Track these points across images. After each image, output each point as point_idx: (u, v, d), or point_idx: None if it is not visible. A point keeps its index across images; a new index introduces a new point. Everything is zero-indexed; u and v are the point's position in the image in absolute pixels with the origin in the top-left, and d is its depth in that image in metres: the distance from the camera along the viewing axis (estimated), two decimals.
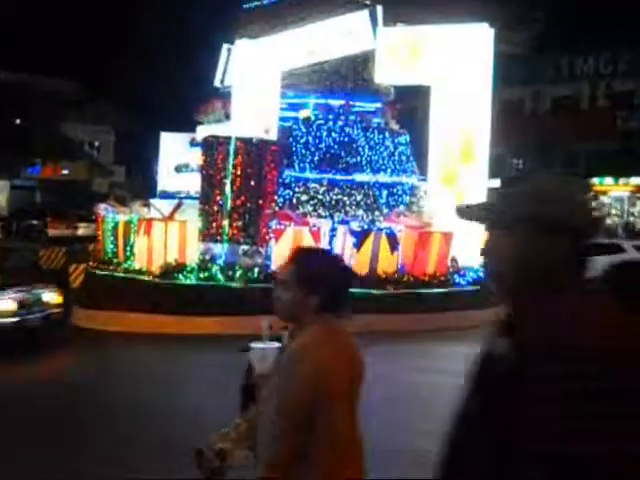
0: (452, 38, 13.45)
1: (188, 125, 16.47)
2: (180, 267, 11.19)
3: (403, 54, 13.76)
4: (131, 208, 13.99)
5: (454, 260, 12.73)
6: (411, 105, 17.29)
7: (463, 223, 1.59)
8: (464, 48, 13.32)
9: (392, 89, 15.02)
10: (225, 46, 15.88)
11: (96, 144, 40.03)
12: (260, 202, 11.91)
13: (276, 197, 12.37)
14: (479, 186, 13.45)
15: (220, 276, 11.09)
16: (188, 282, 11.00)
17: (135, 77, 30.72)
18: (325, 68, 14.57)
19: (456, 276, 12.50)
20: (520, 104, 32.29)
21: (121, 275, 11.43)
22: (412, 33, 13.87)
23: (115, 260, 12.00)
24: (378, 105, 15.11)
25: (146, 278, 11.16)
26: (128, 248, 11.82)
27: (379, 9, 14.97)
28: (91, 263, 12.47)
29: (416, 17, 14.94)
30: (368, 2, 14.80)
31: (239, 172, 11.85)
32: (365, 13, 14.56)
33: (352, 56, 14.51)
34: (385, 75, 14.16)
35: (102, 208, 13.53)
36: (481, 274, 12.92)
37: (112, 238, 12.27)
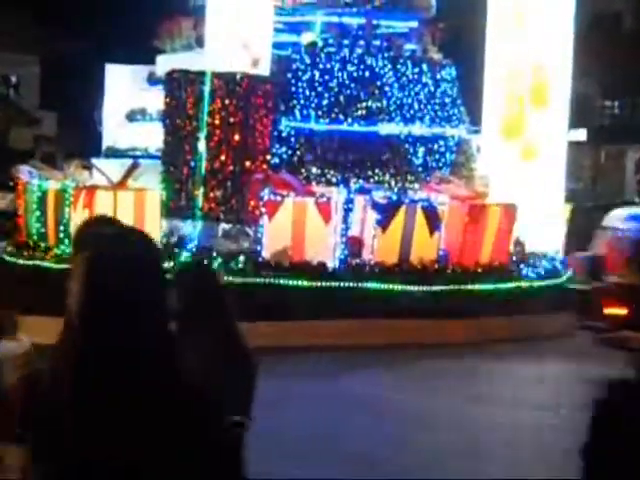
0: None
1: (144, 54, 16.56)
2: None
3: None
4: (65, 171, 14.17)
5: (519, 244, 12.88)
6: (459, 24, 17.31)
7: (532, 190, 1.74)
8: None
9: (433, 2, 15.08)
10: None
11: (13, 79, 40.10)
12: (247, 164, 12.06)
13: (269, 156, 12.52)
14: (556, 139, 13.57)
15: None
16: None
17: None
18: None
19: (522, 266, 12.66)
20: (617, 19, 32.10)
21: (52, 265, 11.62)
22: None
23: (43, 244, 12.19)
24: (413, 25, 15.18)
25: None
26: (62, 227, 11.99)
27: None
28: (8, 248, 12.67)
29: None
30: None
31: (217, 121, 11.99)
32: None
33: None
34: None
35: (24, 171, 13.71)
36: (558, 264, 13.10)
37: (38, 213, 12.44)
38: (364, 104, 14.08)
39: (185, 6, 16.06)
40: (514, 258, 12.71)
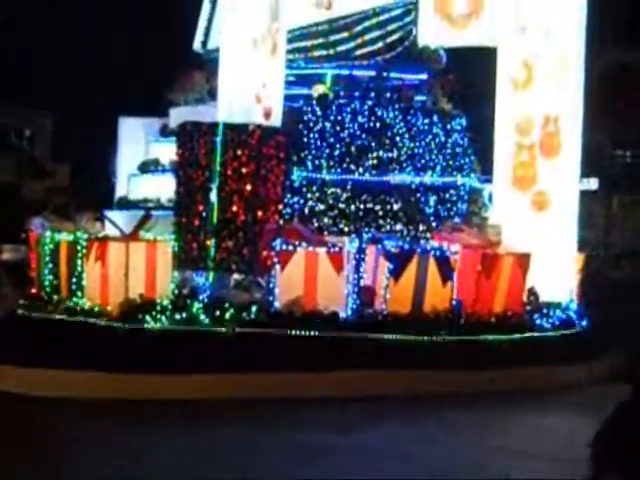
0: None
1: (157, 107, 16.77)
2: (147, 305, 11.37)
3: (458, 3, 14.02)
4: (77, 223, 14.24)
5: (533, 294, 12.83)
6: (469, 76, 17.49)
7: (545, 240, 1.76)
8: None
9: (443, 54, 15.25)
10: None
11: (27, 133, 40.56)
12: (259, 214, 12.11)
13: (281, 207, 12.57)
14: (568, 189, 13.58)
15: (204, 317, 11.28)
16: (159, 326, 11.19)
17: (82, 38, 31.24)
18: (348, 25, 14.85)
19: (536, 316, 12.60)
20: (628, 68, 32.32)
21: (64, 318, 11.62)
22: None
23: (55, 297, 12.21)
24: (423, 77, 15.34)
25: (100, 321, 11.36)
26: (74, 280, 12.03)
27: None
28: (20, 301, 12.68)
29: None
30: None
31: (229, 172, 12.07)
32: None
33: (385, 9, 14.78)
34: (432, 35, 14.40)
35: (36, 223, 13.79)
36: (573, 314, 13.03)
37: (51, 266, 12.47)
38: (375, 154, 14.19)
39: (198, 59, 16.31)
40: (528, 308, 12.65)
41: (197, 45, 16.47)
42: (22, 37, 31.40)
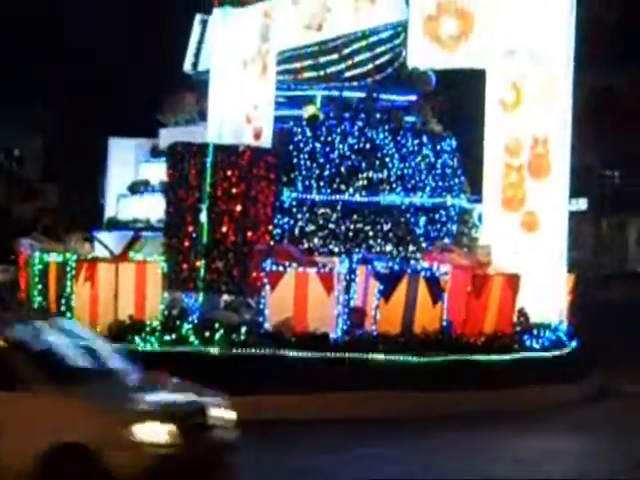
0: (517, 2, 13.77)
1: (147, 128, 16.78)
2: (137, 326, 11.35)
3: (447, 26, 14.09)
4: (67, 244, 14.22)
5: (523, 314, 12.84)
6: (458, 97, 17.58)
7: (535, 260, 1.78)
8: (533, 15, 13.63)
9: (432, 76, 15.32)
10: (198, 17, 16.29)
11: (16, 153, 40.49)
12: (249, 235, 12.11)
13: (271, 227, 12.58)
14: (557, 210, 13.63)
15: (193, 338, 11.25)
16: (148, 347, 11.16)
17: (72, 58, 31.27)
18: (338, 47, 14.92)
19: (526, 337, 12.61)
20: (614, 92, 32.58)
21: None
22: None
23: None
24: (412, 98, 15.41)
25: None
26: (63, 300, 12.00)
27: None
28: None
29: None
30: None
31: (219, 193, 12.08)
32: None
33: (375, 31, 14.85)
34: (421, 57, 14.46)
35: (25, 244, 13.76)
36: (562, 334, 13.05)
37: (40, 286, 12.45)
38: (365, 175, 14.22)
39: (188, 80, 16.35)
40: (518, 328, 12.66)
41: (187, 67, 16.50)
42: (10, 55, 31.40)
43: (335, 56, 14.99)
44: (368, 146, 14.41)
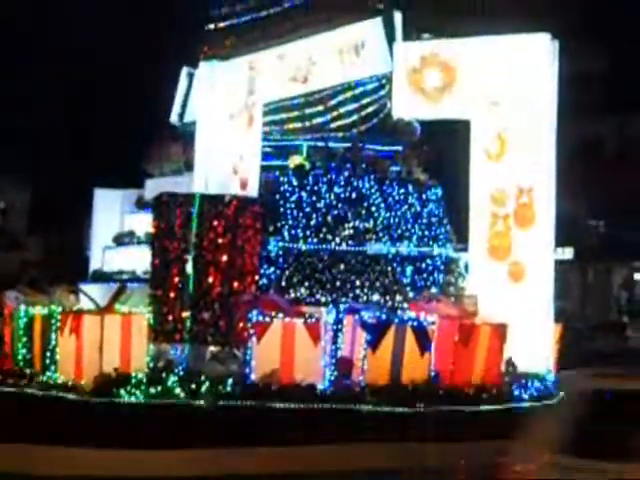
0: (499, 55, 13.99)
1: (133, 179, 16.84)
2: (122, 379, 11.24)
3: (431, 78, 14.28)
4: (52, 296, 14.17)
5: (511, 364, 12.83)
6: (443, 147, 17.76)
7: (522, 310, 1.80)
8: (516, 68, 13.83)
9: (417, 126, 15.49)
10: (185, 70, 16.46)
11: (1, 205, 40.47)
12: (235, 285, 12.10)
13: (257, 277, 12.58)
14: (543, 259, 13.69)
15: (179, 391, 11.16)
16: (133, 400, 11.06)
17: (57, 108, 31.44)
18: (323, 99, 15.08)
19: (514, 387, 12.58)
20: (599, 142, 32.95)
21: (37, 393, 11.48)
22: (443, 48, 14.43)
23: (29, 371, 12.08)
24: (398, 148, 15.54)
25: (73, 396, 11.21)
26: (48, 353, 11.92)
27: (397, 16, 15.59)
28: None
29: (448, 26, 15.54)
30: (381, 7, 15.44)
31: (206, 243, 12.09)
32: (377, 22, 15.14)
33: (360, 83, 15.03)
34: (406, 108, 14.63)
35: (10, 297, 13.69)
36: (550, 384, 13.02)
37: (25, 339, 12.37)
38: (352, 224, 14.28)
39: (174, 132, 16.45)
40: (506, 379, 12.64)
41: (174, 118, 16.62)
42: None
43: (321, 107, 15.14)
44: (354, 195, 14.50)
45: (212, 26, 15.72)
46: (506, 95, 13.81)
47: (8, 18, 29.64)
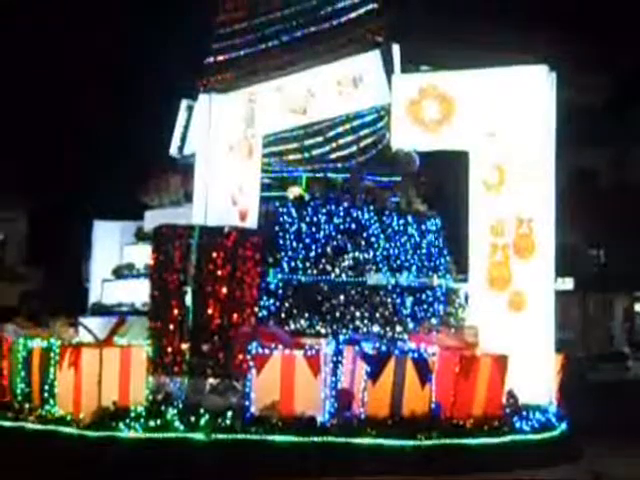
0: (497, 86, 14.07)
1: (133, 210, 16.83)
2: (121, 413, 11.21)
3: (429, 109, 14.35)
4: (51, 329, 14.13)
5: (512, 396, 12.77)
6: (442, 177, 17.80)
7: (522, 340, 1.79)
8: (514, 99, 13.91)
9: (416, 157, 15.53)
10: (185, 102, 16.52)
11: (0, 237, 40.47)
12: (235, 317, 12.07)
13: (257, 309, 12.55)
14: (543, 289, 13.67)
15: (178, 424, 11.10)
16: (132, 434, 11.00)
17: (57, 141, 31.54)
18: (322, 130, 15.13)
19: (515, 419, 12.51)
20: (598, 172, 33.07)
21: (36, 427, 11.44)
22: (441, 80, 14.52)
23: (28, 405, 12.03)
24: (397, 179, 15.58)
25: (71, 430, 11.16)
26: (46, 387, 11.87)
27: (395, 49, 15.70)
28: None
29: (447, 59, 15.66)
30: (380, 39, 15.56)
31: (205, 275, 12.08)
32: (376, 54, 15.26)
33: (359, 114, 15.09)
34: (405, 139, 14.69)
35: (9, 330, 13.65)
36: (552, 416, 12.96)
37: (23, 373, 12.33)
38: (351, 255, 14.27)
39: (174, 164, 16.48)
40: (507, 410, 12.57)
41: (174, 150, 16.66)
42: None
43: (320, 139, 15.20)
44: (354, 226, 14.52)
45: (211, 59, 15.80)
46: (504, 126, 13.87)
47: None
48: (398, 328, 13.96)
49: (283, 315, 13.64)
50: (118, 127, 29.27)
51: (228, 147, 13.87)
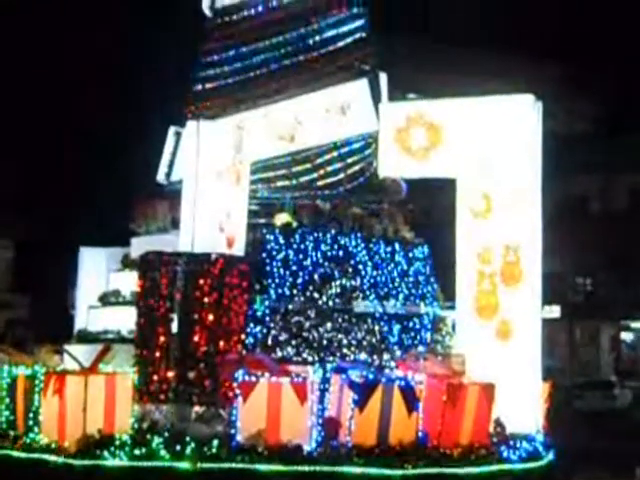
0: (484, 115, 14.16)
1: (119, 237, 16.81)
2: (106, 441, 11.13)
3: (417, 137, 14.42)
4: (36, 356, 14.04)
5: (499, 425, 12.73)
6: (430, 205, 17.88)
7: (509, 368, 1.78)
8: (501, 128, 14.00)
9: (403, 185, 15.59)
10: (172, 129, 16.56)
11: None
12: (221, 344, 12.03)
13: (244, 336, 12.51)
14: (530, 317, 13.68)
15: (164, 452, 11.02)
16: (117, 462, 10.91)
17: (43, 169, 31.54)
18: (310, 157, 15.19)
19: (503, 448, 12.46)
20: (585, 200, 33.27)
21: (20, 455, 11.33)
22: (429, 108, 14.60)
23: (12, 433, 11.94)
24: (384, 206, 15.62)
25: (56, 458, 11.07)
26: (31, 415, 11.78)
27: (383, 77, 15.81)
28: None
29: (434, 87, 15.78)
30: (367, 68, 15.67)
31: (191, 302, 12.04)
32: (363, 83, 15.36)
33: (346, 141, 15.16)
34: (392, 166, 14.74)
35: None
36: (539, 445, 12.93)
37: (8, 400, 12.24)
38: (338, 282, 14.27)
39: (161, 190, 16.49)
40: (494, 439, 12.53)
41: (161, 176, 16.67)
42: None
43: (307, 165, 15.25)
44: (341, 254, 14.52)
45: (199, 86, 15.87)
46: (491, 154, 13.94)
47: None
48: (385, 356, 13.93)
49: (270, 342, 13.59)
50: (105, 153, 29.31)
51: (216, 174, 13.90)
